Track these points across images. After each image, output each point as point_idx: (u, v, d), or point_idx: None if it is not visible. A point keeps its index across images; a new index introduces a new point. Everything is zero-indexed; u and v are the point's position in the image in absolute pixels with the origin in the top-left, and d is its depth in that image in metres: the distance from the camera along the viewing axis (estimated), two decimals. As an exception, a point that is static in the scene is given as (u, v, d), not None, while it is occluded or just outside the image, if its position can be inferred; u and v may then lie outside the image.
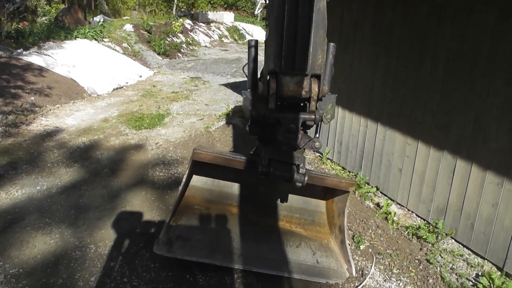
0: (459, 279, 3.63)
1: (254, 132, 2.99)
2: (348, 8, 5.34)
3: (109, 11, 24.38)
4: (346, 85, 5.47)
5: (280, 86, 2.43)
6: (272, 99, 2.49)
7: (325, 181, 3.33)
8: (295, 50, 2.34)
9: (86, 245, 3.76)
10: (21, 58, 10.20)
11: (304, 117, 2.65)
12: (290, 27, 2.33)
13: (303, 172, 2.76)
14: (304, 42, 2.31)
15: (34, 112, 7.78)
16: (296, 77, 2.41)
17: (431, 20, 4.13)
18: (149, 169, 5.52)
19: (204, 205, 3.68)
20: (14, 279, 3.26)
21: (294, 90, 2.43)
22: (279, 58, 2.38)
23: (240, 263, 3.28)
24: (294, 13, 2.32)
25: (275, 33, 2.38)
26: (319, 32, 2.35)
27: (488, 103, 3.66)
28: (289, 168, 2.77)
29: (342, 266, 3.37)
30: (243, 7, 35.11)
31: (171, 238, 3.29)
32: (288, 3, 2.32)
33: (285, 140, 2.62)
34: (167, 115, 8.29)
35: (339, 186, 3.38)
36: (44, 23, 15.55)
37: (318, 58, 2.39)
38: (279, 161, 2.77)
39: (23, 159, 5.58)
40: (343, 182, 3.37)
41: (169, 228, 3.34)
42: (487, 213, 3.78)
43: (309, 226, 3.77)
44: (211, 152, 3.26)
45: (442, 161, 4.20)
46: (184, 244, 3.30)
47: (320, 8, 2.33)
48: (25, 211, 4.26)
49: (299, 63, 2.34)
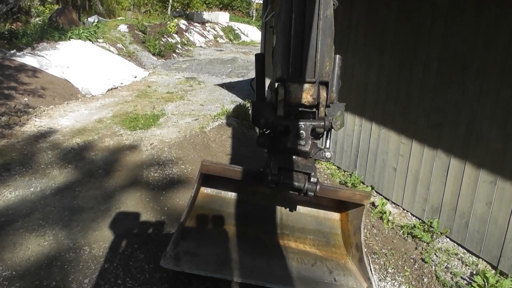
0: (453, 278, 3.64)
1: (262, 143, 2.85)
2: (342, 7, 5.34)
3: (104, 11, 24.27)
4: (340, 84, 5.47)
5: (288, 94, 2.44)
6: (280, 105, 2.48)
7: (337, 194, 3.17)
8: (302, 57, 2.36)
9: (80, 246, 3.74)
10: (14, 59, 10.13)
11: (313, 124, 2.56)
12: (298, 35, 2.35)
13: (315, 181, 2.63)
14: (311, 49, 2.33)
15: (27, 113, 7.73)
16: (304, 85, 2.42)
17: (424, 20, 4.14)
18: (143, 170, 5.50)
19: (214, 220, 3.51)
20: (7, 282, 3.23)
21: (302, 98, 2.44)
22: (286, 65, 2.39)
23: (253, 278, 3.01)
24: (301, 21, 2.34)
25: (283, 41, 2.40)
26: (326, 39, 2.38)
27: (481, 103, 3.67)
28: (300, 177, 2.63)
29: (362, 285, 3.13)
30: (238, 7, 35.07)
31: (179, 252, 3.09)
32: (295, 11, 2.34)
33: (294, 146, 2.51)
34: (162, 116, 8.26)
35: (352, 199, 3.20)
36: (38, 23, 15.46)
37: (326, 65, 2.41)
38: (290, 170, 2.63)
39: (17, 161, 5.54)
40: (357, 195, 3.18)
41: (177, 243, 3.12)
42: (481, 212, 3.79)
43: (324, 247, 3.53)
44: (220, 165, 3.15)
45: (436, 160, 4.22)
46: (192, 258, 3.09)
47: (327, 15, 2.36)
48: (18, 213, 4.23)
49: (306, 70, 2.35)
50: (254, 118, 2.71)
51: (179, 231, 3.16)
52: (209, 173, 3.10)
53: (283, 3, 2.44)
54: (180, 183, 5.17)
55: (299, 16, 2.35)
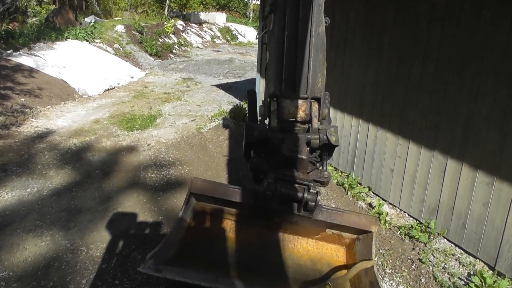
0: (451, 278, 3.66)
1: (256, 163, 2.62)
2: (340, 8, 5.36)
3: (101, 12, 24.23)
4: (337, 85, 5.49)
5: (281, 109, 2.46)
6: (273, 116, 2.49)
7: (339, 217, 2.71)
8: (295, 74, 2.38)
9: (77, 247, 3.73)
10: (10, 59, 10.09)
11: (308, 137, 2.52)
12: (290, 52, 2.37)
13: (315, 192, 2.41)
14: (304, 66, 2.35)
15: (24, 113, 7.70)
16: (297, 100, 2.44)
17: (422, 21, 4.16)
18: (141, 171, 5.49)
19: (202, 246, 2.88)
20: (4, 282, 3.22)
21: (294, 113, 2.46)
22: (279, 81, 2.41)
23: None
24: (293, 38, 2.37)
25: (276, 58, 2.43)
26: (318, 56, 2.41)
27: (478, 104, 3.69)
28: (298, 187, 2.42)
29: None
30: (236, 7, 35.10)
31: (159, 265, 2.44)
32: (288, 29, 2.37)
33: (290, 153, 2.39)
34: (159, 116, 8.25)
35: (358, 225, 2.72)
36: (35, 24, 15.41)
37: (318, 81, 2.44)
38: (287, 181, 2.42)
39: (13, 161, 5.52)
40: (362, 220, 2.74)
41: (159, 257, 2.45)
42: (478, 213, 3.81)
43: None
44: (212, 183, 2.77)
45: (433, 161, 4.23)
46: (174, 270, 2.50)
47: (319, 33, 2.39)
48: (15, 214, 4.21)
49: (299, 86, 2.37)
50: (247, 135, 2.59)
51: (161, 247, 2.52)
52: (199, 192, 2.72)
53: (276, 21, 2.48)
54: (177, 184, 5.16)
55: (292, 33, 2.38)
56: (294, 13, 2.41)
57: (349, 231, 2.86)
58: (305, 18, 2.39)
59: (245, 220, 2.92)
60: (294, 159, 2.43)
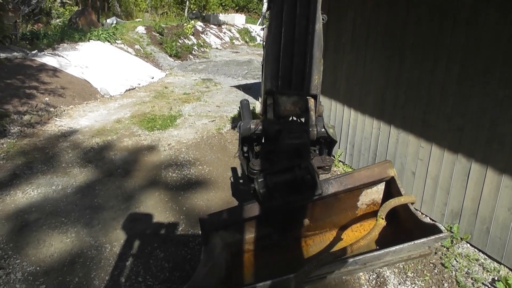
0: (475, 284, 3.60)
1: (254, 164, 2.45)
2: (361, 10, 5.33)
3: (122, 13, 24.63)
4: (358, 87, 5.46)
5: (277, 106, 2.47)
6: (270, 109, 2.51)
7: (350, 180, 2.64)
8: (291, 70, 2.40)
9: (101, 244, 3.81)
10: (35, 59, 10.36)
11: (305, 128, 2.46)
12: (287, 48, 2.39)
13: (306, 164, 2.26)
14: (300, 63, 2.37)
15: (48, 112, 7.89)
16: (293, 97, 2.46)
17: (445, 23, 4.11)
18: (162, 170, 5.57)
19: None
20: (32, 277, 3.31)
21: (291, 110, 2.47)
22: (276, 78, 2.43)
23: None
24: (290, 34, 2.39)
25: (272, 54, 2.44)
26: (315, 53, 2.41)
27: (504, 107, 3.63)
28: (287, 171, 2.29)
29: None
30: (254, 9, 35.19)
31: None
32: (284, 25, 2.38)
33: (289, 140, 2.31)
34: (179, 117, 8.34)
35: (373, 177, 2.63)
36: (58, 25, 15.77)
37: (315, 78, 2.44)
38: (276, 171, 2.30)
39: (39, 159, 5.66)
40: (375, 170, 2.63)
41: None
42: (503, 217, 3.74)
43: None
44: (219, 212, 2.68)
45: (456, 164, 4.17)
46: None
47: (316, 30, 2.40)
48: (41, 210, 4.32)
49: (295, 83, 2.39)
50: (243, 129, 2.51)
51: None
52: (211, 226, 2.61)
53: (273, 17, 2.49)
54: (198, 183, 5.22)
55: (288, 29, 2.39)
56: (291, 9, 2.44)
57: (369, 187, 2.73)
58: (303, 15, 2.41)
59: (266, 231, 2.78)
60: (295, 146, 2.35)
